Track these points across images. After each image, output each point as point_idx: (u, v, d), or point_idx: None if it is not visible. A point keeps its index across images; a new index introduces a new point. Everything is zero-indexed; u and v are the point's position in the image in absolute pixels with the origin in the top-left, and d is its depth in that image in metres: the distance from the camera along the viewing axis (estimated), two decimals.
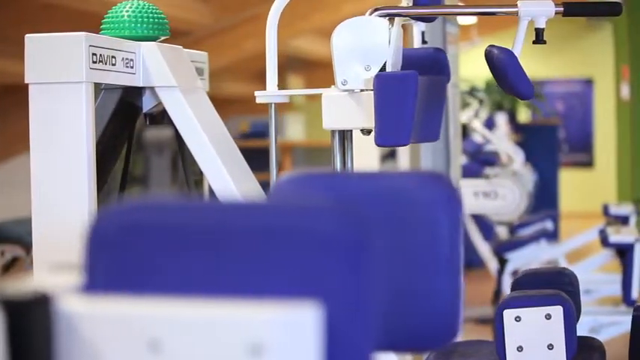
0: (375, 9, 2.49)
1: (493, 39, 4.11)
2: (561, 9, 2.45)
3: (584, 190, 12.35)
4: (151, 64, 2.61)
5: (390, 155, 6.50)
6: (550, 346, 2.33)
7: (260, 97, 2.64)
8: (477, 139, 7.45)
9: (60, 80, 2.40)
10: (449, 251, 1.36)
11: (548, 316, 2.33)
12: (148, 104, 2.73)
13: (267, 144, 2.67)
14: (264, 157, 2.67)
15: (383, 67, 2.45)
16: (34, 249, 2.43)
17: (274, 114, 2.65)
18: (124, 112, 2.72)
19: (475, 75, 8.37)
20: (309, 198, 1.00)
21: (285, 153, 9.46)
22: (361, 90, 2.46)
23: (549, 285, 2.50)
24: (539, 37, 2.46)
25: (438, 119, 2.70)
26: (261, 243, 0.99)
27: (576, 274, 2.64)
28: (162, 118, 2.75)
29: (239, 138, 8.52)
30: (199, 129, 2.62)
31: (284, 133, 9.99)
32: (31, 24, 5.71)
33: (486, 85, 8.77)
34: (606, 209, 5.15)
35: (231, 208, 1.03)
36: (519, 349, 2.34)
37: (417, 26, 3.13)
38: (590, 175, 12.67)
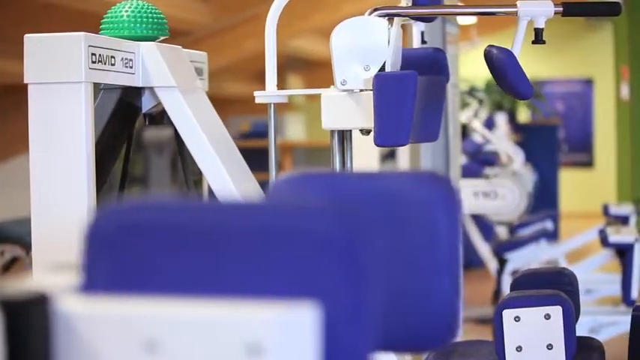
0: (375, 9, 2.49)
1: (493, 39, 4.11)
2: (560, 9, 2.45)
3: (584, 190, 12.35)
4: (150, 64, 2.61)
5: (390, 155, 6.50)
6: (549, 346, 2.33)
7: (259, 97, 2.64)
8: (476, 139, 7.45)
9: (59, 80, 2.40)
10: (448, 251, 1.36)
11: (547, 316, 2.33)
12: (147, 104, 2.73)
13: (267, 144, 2.68)
14: (264, 157, 2.67)
15: (382, 67, 2.45)
16: (33, 249, 2.43)
17: (273, 114, 2.65)
18: (123, 112, 2.72)
19: (475, 75, 8.37)
20: (306, 198, 1.00)
21: (286, 153, 9.46)
22: (360, 90, 2.46)
23: (549, 285, 2.49)
24: (538, 37, 2.46)
25: (437, 119, 2.70)
26: (259, 243, 0.99)
27: (576, 274, 2.64)
28: (161, 118, 2.75)
29: (239, 138, 8.51)
30: (198, 129, 2.62)
31: (284, 133, 9.98)
32: (31, 24, 5.71)
33: (486, 85, 8.77)
34: (606, 209, 5.15)
35: (229, 208, 1.03)
36: (518, 349, 2.34)
37: (417, 26, 3.13)
38: (590, 175, 12.67)
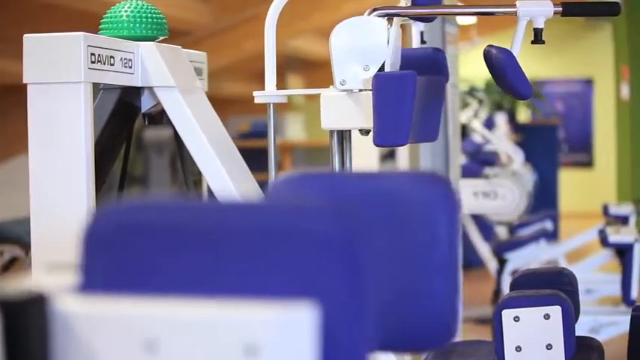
0: (374, 9, 2.49)
1: (493, 39, 4.11)
2: (560, 9, 2.45)
3: (583, 190, 12.35)
4: (150, 64, 2.61)
5: (390, 155, 6.50)
6: (549, 346, 2.33)
7: (258, 97, 2.64)
8: (476, 139, 7.45)
9: (58, 80, 2.40)
10: (447, 251, 1.36)
11: (546, 316, 2.33)
12: (146, 104, 2.73)
13: (267, 144, 2.68)
14: (264, 157, 2.67)
15: (381, 67, 2.45)
16: (32, 249, 2.43)
17: (273, 114, 2.65)
18: (122, 112, 2.72)
19: (475, 75, 8.36)
20: (305, 198, 1.00)
21: (285, 153, 9.46)
22: (360, 90, 2.46)
23: (548, 285, 2.49)
24: (537, 37, 2.46)
25: (436, 119, 2.70)
26: (257, 243, 0.99)
27: (576, 274, 2.63)
28: (160, 118, 2.75)
29: (239, 138, 8.51)
30: (198, 129, 2.62)
31: (284, 133, 9.98)
32: (31, 24, 5.71)
33: (486, 86, 8.77)
34: (606, 209, 5.14)
35: (228, 208, 1.03)
36: (518, 349, 2.34)
37: (416, 26, 3.13)
38: (590, 175, 12.67)
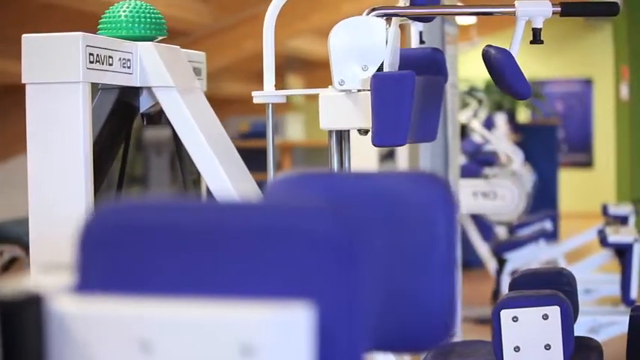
0: (372, 9, 2.49)
1: (493, 39, 4.11)
2: (558, 9, 2.45)
3: (583, 190, 12.35)
4: (148, 64, 2.60)
5: (389, 155, 6.50)
6: (547, 347, 2.33)
7: (257, 97, 2.64)
8: (476, 139, 7.45)
9: (57, 80, 2.40)
10: (444, 251, 1.36)
11: (545, 317, 2.33)
12: (145, 104, 2.72)
13: (266, 144, 2.68)
14: (263, 157, 2.67)
15: (380, 67, 2.45)
16: (31, 249, 2.43)
17: (271, 114, 2.65)
18: (121, 112, 2.72)
19: (475, 75, 8.36)
20: (302, 198, 1.00)
21: (285, 153, 9.46)
22: (358, 90, 2.46)
23: (547, 285, 2.49)
24: (536, 37, 2.46)
25: (435, 119, 2.70)
26: (254, 242, 0.98)
27: (575, 274, 2.63)
28: (159, 118, 2.75)
29: (238, 138, 8.52)
30: (196, 129, 2.62)
31: (284, 133, 9.98)
32: (31, 24, 5.70)
33: (486, 86, 8.76)
34: (605, 209, 5.13)
35: (225, 208, 1.03)
36: (516, 349, 2.34)
37: (415, 26, 3.13)
38: (590, 176, 12.67)
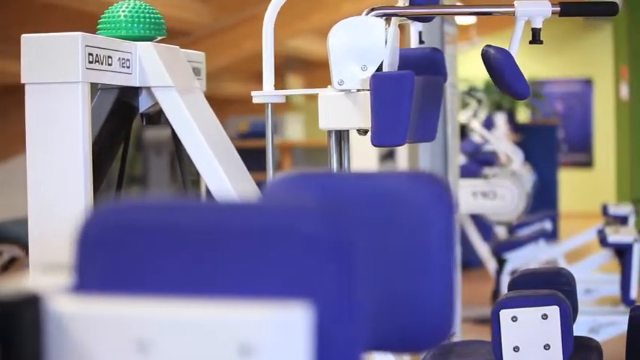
0: (372, 9, 2.49)
1: (492, 39, 4.11)
2: (558, 9, 2.45)
3: (583, 190, 12.34)
4: (148, 64, 2.60)
5: (389, 155, 6.51)
6: (547, 347, 2.33)
7: (256, 97, 2.64)
8: (475, 139, 7.45)
9: (56, 80, 2.40)
10: (443, 251, 1.36)
11: (544, 316, 2.33)
12: (144, 104, 2.72)
13: (265, 144, 2.68)
14: (263, 157, 2.67)
15: (380, 67, 2.45)
16: (30, 249, 2.43)
17: (271, 114, 2.65)
18: (120, 112, 2.72)
19: (475, 75, 8.36)
20: (297, 198, 1.00)
21: (285, 153, 9.46)
22: (358, 90, 2.46)
23: (546, 285, 2.49)
24: (535, 37, 2.46)
25: (434, 119, 2.70)
26: (249, 243, 0.99)
27: (575, 274, 2.63)
28: (158, 118, 2.75)
29: (238, 138, 8.52)
30: (196, 129, 2.62)
31: (284, 133, 9.98)
32: (31, 24, 5.70)
33: (486, 86, 8.76)
34: (605, 209, 5.13)
35: (220, 208, 1.03)
36: (516, 349, 2.34)
37: (414, 26, 3.12)
38: (590, 175, 12.66)
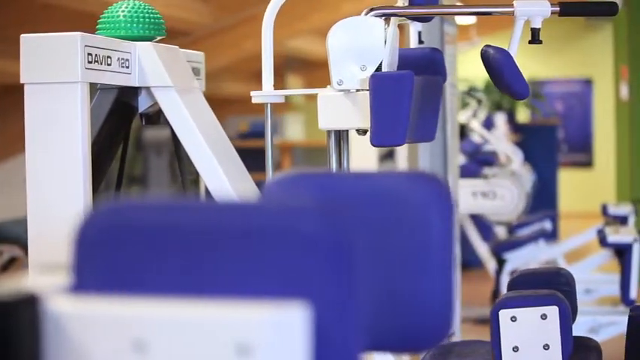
0: (371, 9, 2.49)
1: (492, 39, 4.11)
2: (557, 9, 2.45)
3: (583, 190, 12.34)
4: (147, 64, 2.60)
5: (389, 155, 6.51)
6: (546, 347, 2.33)
7: (256, 97, 2.64)
8: (475, 139, 7.45)
9: (55, 80, 2.40)
10: (442, 251, 1.36)
11: (543, 317, 2.33)
12: (143, 104, 2.72)
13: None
14: (263, 157, 2.67)
15: (379, 67, 2.45)
16: (29, 249, 2.43)
17: (270, 114, 2.65)
18: (119, 112, 2.72)
19: (474, 75, 8.36)
20: (294, 198, 1.00)
21: (285, 153, 9.46)
22: (357, 90, 2.46)
23: (545, 285, 2.49)
24: (535, 37, 2.46)
25: (434, 119, 2.70)
26: (247, 243, 0.99)
27: (575, 274, 2.63)
28: (158, 118, 2.75)
29: (238, 138, 8.52)
30: (195, 129, 2.62)
31: (283, 133, 9.98)
32: (31, 24, 5.70)
33: (485, 86, 8.76)
34: (605, 209, 5.13)
35: (217, 208, 1.03)
36: (515, 349, 2.34)
37: (414, 26, 3.12)
38: (590, 175, 12.66)
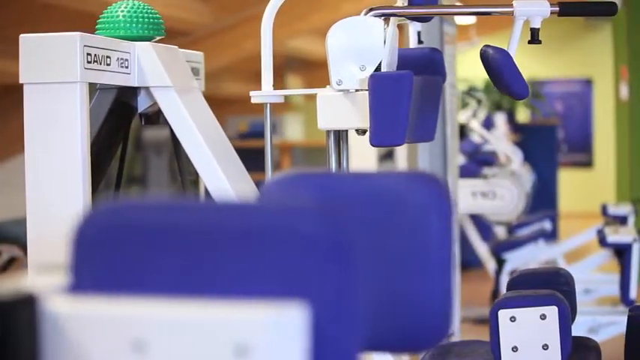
0: (370, 9, 2.49)
1: (492, 39, 4.10)
2: (557, 9, 2.45)
3: (583, 190, 12.34)
4: (146, 64, 2.60)
5: (388, 155, 6.50)
6: (545, 347, 2.33)
7: (255, 97, 2.64)
8: (475, 139, 7.44)
9: (55, 80, 2.40)
10: (441, 251, 1.36)
11: (543, 317, 2.33)
12: (143, 104, 2.73)
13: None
14: (263, 157, 2.67)
15: (378, 67, 2.45)
16: (28, 249, 2.43)
17: (269, 114, 2.65)
18: (119, 112, 2.72)
19: (474, 75, 8.36)
20: (293, 199, 1.00)
21: (284, 153, 9.46)
22: (356, 90, 2.46)
23: (545, 285, 2.49)
24: (534, 37, 2.46)
25: (433, 119, 2.70)
26: (245, 243, 0.98)
27: (574, 274, 2.63)
28: (157, 118, 2.75)
29: (238, 138, 8.52)
30: (194, 129, 2.62)
31: (283, 133, 9.98)
32: (31, 24, 5.70)
33: (485, 86, 8.76)
34: (605, 209, 5.13)
35: (216, 209, 1.03)
36: (514, 349, 2.34)
37: (413, 26, 3.13)
38: (589, 176, 12.66)
